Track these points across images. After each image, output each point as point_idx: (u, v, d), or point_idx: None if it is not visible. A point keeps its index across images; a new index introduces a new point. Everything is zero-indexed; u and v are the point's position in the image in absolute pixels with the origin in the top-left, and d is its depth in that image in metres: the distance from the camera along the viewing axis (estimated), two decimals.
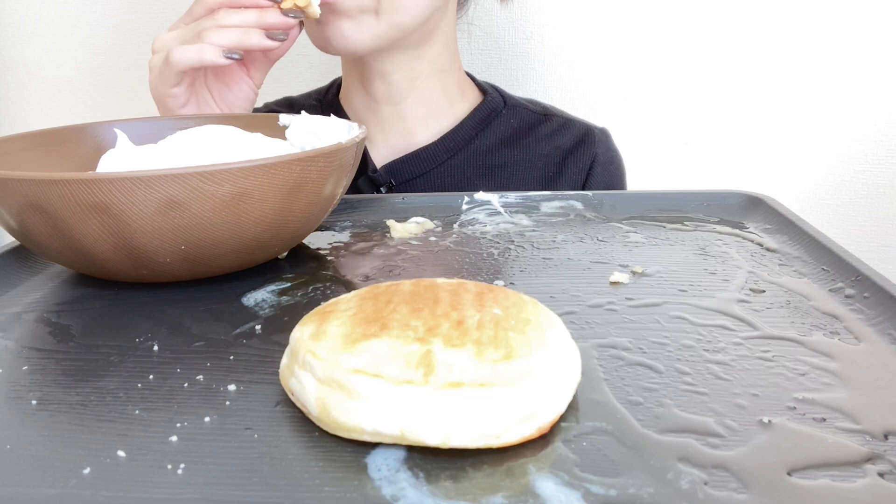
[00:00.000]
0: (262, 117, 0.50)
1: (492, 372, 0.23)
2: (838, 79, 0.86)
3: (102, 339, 0.32)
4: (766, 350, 0.30)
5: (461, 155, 0.70)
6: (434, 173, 0.69)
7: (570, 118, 0.74)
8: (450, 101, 0.71)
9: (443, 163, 0.69)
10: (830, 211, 0.90)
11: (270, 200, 0.35)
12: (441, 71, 0.69)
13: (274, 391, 0.27)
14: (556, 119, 0.73)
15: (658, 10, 0.86)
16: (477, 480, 0.22)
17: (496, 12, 0.88)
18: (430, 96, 0.69)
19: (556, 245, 0.43)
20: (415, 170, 0.69)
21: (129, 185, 0.32)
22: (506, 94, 0.75)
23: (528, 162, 0.70)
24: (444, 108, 0.71)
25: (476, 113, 0.71)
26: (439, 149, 0.69)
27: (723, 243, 0.43)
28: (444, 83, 0.70)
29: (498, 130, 0.71)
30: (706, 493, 0.21)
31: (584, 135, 0.72)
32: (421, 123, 0.70)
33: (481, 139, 0.70)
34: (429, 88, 0.69)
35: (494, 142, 0.71)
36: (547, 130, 0.72)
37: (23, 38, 0.97)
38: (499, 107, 0.72)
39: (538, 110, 0.74)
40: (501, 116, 0.72)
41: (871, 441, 0.23)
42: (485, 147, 0.70)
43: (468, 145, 0.70)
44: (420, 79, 0.68)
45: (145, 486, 0.22)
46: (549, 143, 0.71)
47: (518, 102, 0.74)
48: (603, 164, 0.72)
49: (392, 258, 0.42)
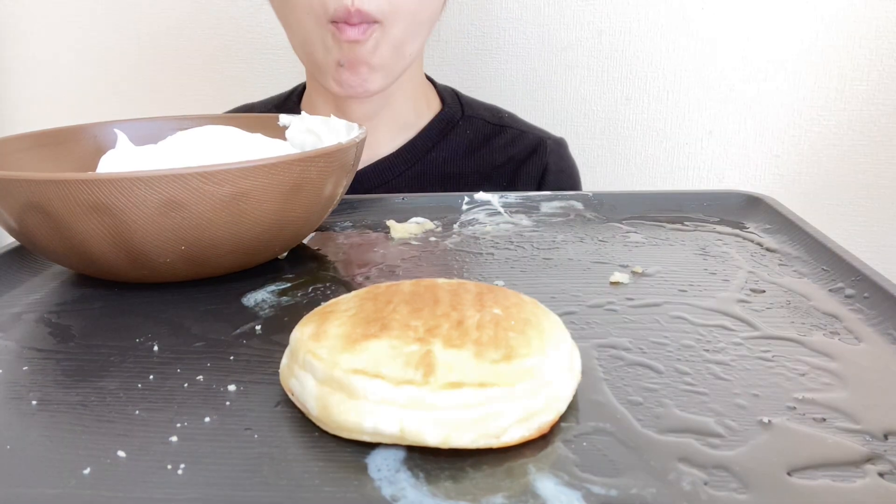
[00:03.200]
0: (262, 117, 0.50)
1: (492, 372, 0.23)
2: (838, 78, 0.86)
3: (102, 339, 0.32)
4: (766, 350, 0.30)
5: (418, 166, 0.70)
6: (392, 184, 0.69)
7: (524, 129, 0.75)
8: (417, 113, 0.72)
9: (402, 173, 0.70)
10: (830, 211, 0.90)
11: (270, 201, 0.35)
12: (413, 86, 0.70)
13: (274, 391, 0.27)
14: (511, 131, 0.74)
15: (658, 9, 0.86)
16: (477, 480, 0.22)
17: (494, 12, 0.88)
18: (401, 111, 0.70)
19: (556, 245, 0.43)
20: (375, 180, 0.69)
21: (129, 185, 0.32)
22: (465, 102, 0.75)
23: (482, 173, 0.71)
24: (411, 121, 0.71)
25: (434, 125, 0.72)
26: (398, 160, 0.70)
27: (723, 243, 0.43)
28: (415, 97, 0.71)
29: (454, 142, 0.72)
30: (709, 495, 0.21)
31: (537, 145, 0.73)
32: (388, 137, 0.70)
33: (438, 151, 0.71)
34: (401, 104, 0.70)
35: (450, 154, 0.71)
36: (501, 142, 0.73)
37: (23, 38, 0.97)
38: (455, 118, 0.73)
39: (494, 121, 0.74)
40: (458, 128, 0.72)
41: (871, 441, 0.23)
42: (441, 158, 0.71)
43: (425, 157, 0.71)
44: (395, 96, 0.68)
45: (145, 486, 0.22)
46: (502, 155, 0.72)
47: (475, 113, 0.74)
48: (554, 174, 0.72)
49: (392, 258, 0.42)
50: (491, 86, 0.91)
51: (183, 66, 0.96)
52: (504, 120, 0.75)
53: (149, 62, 0.96)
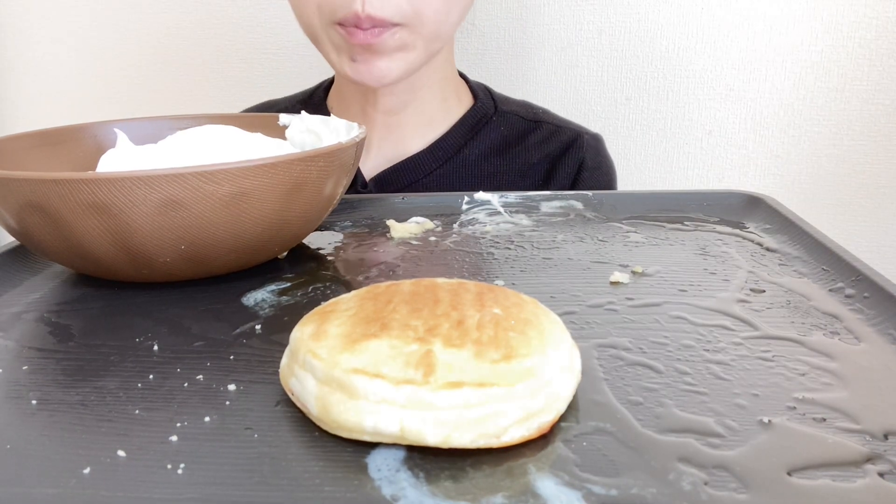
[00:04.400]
0: (262, 117, 0.50)
1: (492, 372, 0.23)
2: (838, 78, 0.86)
3: (102, 339, 0.32)
4: (766, 350, 0.30)
5: (450, 164, 0.68)
6: (422, 183, 0.67)
7: (560, 124, 0.73)
8: (446, 108, 0.69)
9: (431, 172, 0.68)
10: (830, 211, 0.90)
11: (270, 200, 0.35)
12: (442, 79, 0.68)
13: (274, 391, 0.27)
14: (547, 126, 0.72)
15: (658, 8, 0.86)
16: (477, 480, 0.22)
17: (494, 12, 0.88)
18: (429, 105, 0.68)
19: (556, 245, 0.43)
20: (403, 180, 0.67)
21: (129, 185, 0.32)
22: (498, 98, 0.73)
23: (517, 171, 0.69)
24: (440, 117, 0.69)
25: (466, 120, 0.69)
26: (428, 158, 0.68)
27: (723, 243, 0.43)
28: (444, 90, 0.69)
29: (487, 139, 0.70)
30: (709, 495, 0.21)
31: (573, 140, 0.71)
32: (416, 132, 0.68)
33: (470, 148, 0.69)
34: (428, 97, 0.68)
35: (483, 151, 0.69)
36: (537, 139, 0.71)
37: (23, 38, 0.97)
38: (489, 113, 0.71)
39: (529, 117, 0.72)
40: (491, 124, 0.70)
41: (871, 441, 0.23)
42: (474, 156, 0.69)
43: (457, 154, 0.68)
44: (423, 88, 0.66)
45: (145, 486, 0.22)
46: (538, 152, 0.70)
47: (509, 108, 0.72)
48: (590, 170, 0.70)
49: (392, 258, 0.42)
50: (490, 86, 0.91)
51: (183, 66, 0.96)
52: (539, 115, 0.73)
53: (149, 62, 0.96)
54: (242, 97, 0.84)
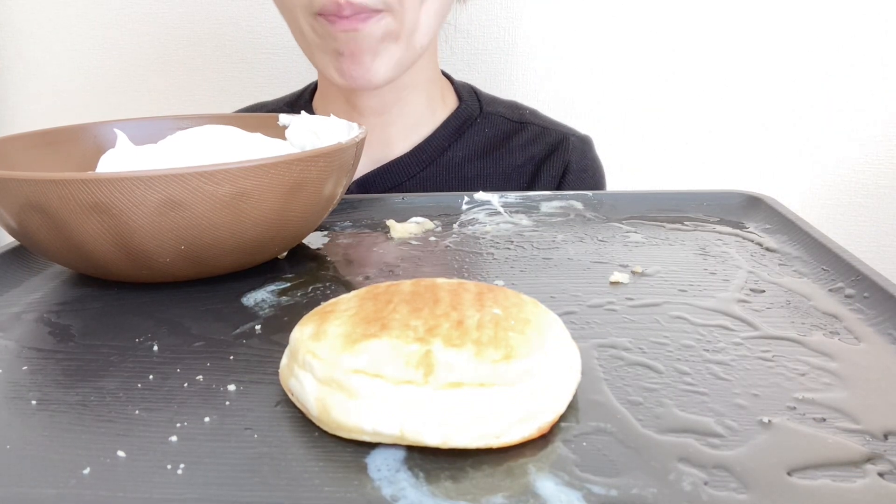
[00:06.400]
0: (262, 117, 0.50)
1: (492, 372, 0.23)
2: (838, 78, 0.86)
3: (102, 339, 0.32)
4: (766, 350, 0.30)
5: (434, 166, 0.67)
6: (406, 186, 0.66)
7: (547, 125, 0.71)
8: (432, 109, 0.69)
9: (415, 175, 0.67)
10: (830, 211, 0.91)
11: (270, 200, 0.35)
12: (426, 80, 0.67)
13: (274, 391, 0.27)
14: (532, 128, 0.70)
15: (658, 7, 0.86)
16: (477, 480, 0.22)
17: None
18: (415, 107, 0.67)
19: (556, 245, 0.43)
20: (387, 182, 0.66)
21: (129, 185, 0.32)
22: (484, 99, 0.72)
23: (501, 173, 0.68)
24: (426, 118, 0.68)
25: (450, 122, 0.68)
26: (412, 161, 0.67)
27: (723, 243, 0.43)
28: (428, 91, 0.68)
29: (472, 141, 0.69)
30: (709, 495, 0.21)
31: (559, 142, 0.70)
32: (401, 134, 0.68)
33: (454, 150, 0.68)
34: (413, 99, 0.67)
35: (468, 153, 0.68)
36: (521, 140, 0.69)
37: (23, 38, 0.97)
38: (473, 115, 0.69)
39: (514, 118, 0.71)
40: (476, 125, 0.69)
41: (871, 441, 0.23)
42: (458, 158, 0.68)
43: (441, 156, 0.67)
44: (407, 89, 0.65)
45: (145, 486, 0.22)
46: (523, 154, 0.69)
47: (495, 109, 0.71)
48: (576, 173, 0.69)
49: (392, 258, 0.42)
50: (490, 86, 0.91)
51: (183, 66, 0.96)
52: (525, 116, 0.71)
53: (149, 62, 0.96)
54: (242, 97, 0.84)
